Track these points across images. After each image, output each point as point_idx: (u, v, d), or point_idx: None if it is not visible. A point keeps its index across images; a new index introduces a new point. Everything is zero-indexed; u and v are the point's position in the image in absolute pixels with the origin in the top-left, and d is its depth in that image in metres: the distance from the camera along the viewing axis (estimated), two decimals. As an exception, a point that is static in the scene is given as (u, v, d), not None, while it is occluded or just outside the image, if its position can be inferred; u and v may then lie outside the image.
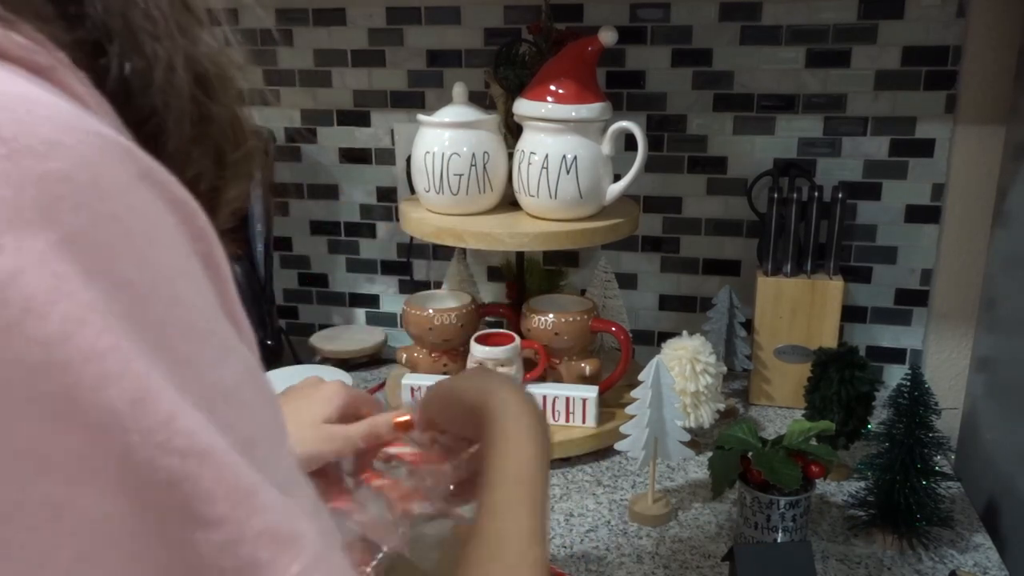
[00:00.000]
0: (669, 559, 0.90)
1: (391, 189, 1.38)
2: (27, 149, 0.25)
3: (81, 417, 0.25)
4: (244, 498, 0.27)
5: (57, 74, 0.29)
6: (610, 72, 1.25)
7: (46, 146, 0.25)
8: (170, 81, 0.32)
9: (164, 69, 0.32)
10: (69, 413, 0.24)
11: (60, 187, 0.25)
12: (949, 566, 0.89)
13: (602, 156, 1.07)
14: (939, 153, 1.19)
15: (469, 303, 1.17)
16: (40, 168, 0.25)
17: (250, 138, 0.37)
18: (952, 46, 1.15)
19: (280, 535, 0.28)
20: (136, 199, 0.28)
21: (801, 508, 0.88)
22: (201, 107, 0.34)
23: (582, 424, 1.09)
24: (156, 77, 0.32)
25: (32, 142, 0.25)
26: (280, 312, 1.46)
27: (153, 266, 0.27)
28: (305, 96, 1.37)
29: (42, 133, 0.26)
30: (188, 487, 0.26)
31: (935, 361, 1.22)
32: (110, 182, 0.27)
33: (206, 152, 0.35)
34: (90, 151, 0.27)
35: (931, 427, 0.90)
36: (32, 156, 0.25)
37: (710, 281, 1.31)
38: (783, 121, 1.22)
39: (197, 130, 0.34)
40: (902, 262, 1.24)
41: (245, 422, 0.29)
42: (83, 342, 0.25)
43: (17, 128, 0.25)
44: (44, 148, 0.25)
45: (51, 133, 0.26)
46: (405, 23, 1.30)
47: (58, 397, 0.24)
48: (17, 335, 0.24)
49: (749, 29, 1.20)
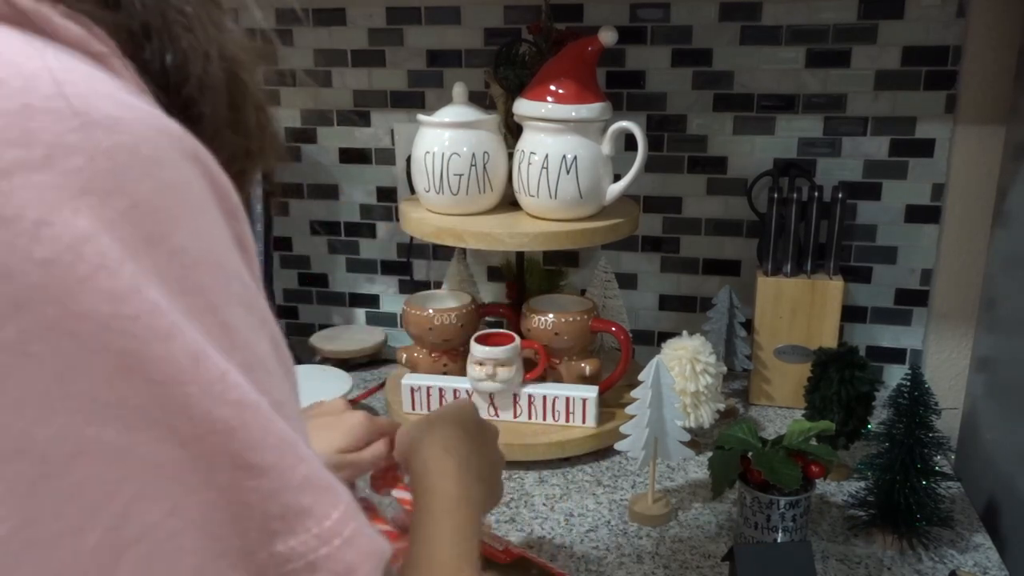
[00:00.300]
0: (669, 559, 0.90)
1: (391, 189, 1.39)
2: (96, 123, 0.27)
3: (142, 371, 0.27)
4: (289, 448, 0.30)
5: (110, 61, 0.31)
6: (610, 72, 1.25)
7: (111, 120, 0.28)
8: (207, 71, 0.34)
9: (201, 61, 0.34)
10: (131, 366, 0.26)
11: (127, 158, 0.28)
12: (949, 566, 0.89)
13: (602, 156, 1.07)
14: (939, 153, 1.19)
15: (469, 303, 1.17)
16: (110, 140, 0.27)
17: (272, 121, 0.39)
18: (952, 46, 1.15)
19: (320, 483, 0.31)
20: (187, 173, 0.30)
21: (801, 508, 0.88)
22: (233, 94, 0.36)
23: (582, 424, 1.09)
24: (194, 69, 0.34)
25: (100, 116, 0.27)
26: (280, 312, 1.46)
27: (204, 236, 0.30)
28: (305, 96, 1.37)
29: (107, 108, 0.28)
30: (242, 435, 0.28)
31: (935, 361, 1.22)
32: (166, 155, 0.29)
33: (237, 136, 0.37)
34: (147, 128, 0.29)
35: (931, 427, 0.90)
36: (100, 128, 0.27)
37: (710, 281, 1.31)
38: (783, 121, 1.22)
39: (230, 115, 0.36)
40: (902, 262, 1.24)
41: (276, 389, 0.31)
42: (147, 302, 0.27)
43: (86, 103, 0.27)
44: (110, 122, 0.27)
45: (114, 109, 0.28)
46: (405, 23, 1.30)
47: (123, 351, 0.26)
48: (90, 289, 0.26)
49: (749, 29, 1.20)
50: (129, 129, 0.28)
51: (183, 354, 0.27)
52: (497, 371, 1.06)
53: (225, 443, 0.28)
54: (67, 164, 0.26)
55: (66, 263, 0.25)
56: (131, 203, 0.27)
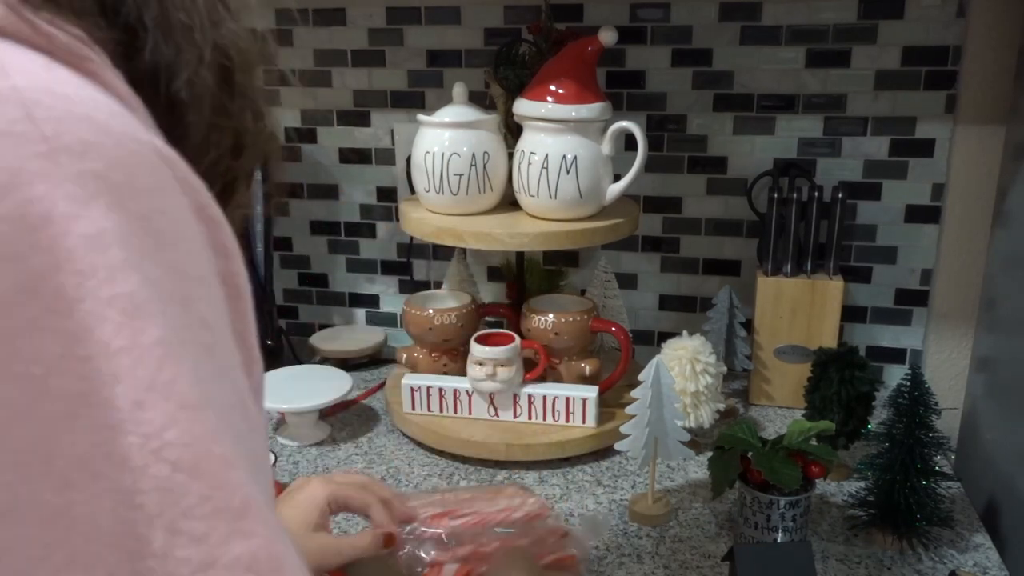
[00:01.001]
0: (669, 559, 0.90)
1: (391, 189, 1.38)
2: (65, 148, 0.26)
3: (87, 417, 0.25)
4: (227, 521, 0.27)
5: (96, 69, 0.29)
6: (610, 72, 1.25)
7: (83, 146, 0.26)
8: (198, 72, 0.33)
9: (194, 60, 0.33)
10: (76, 412, 0.25)
11: (95, 186, 0.26)
12: (949, 566, 0.89)
13: (602, 156, 1.06)
14: (939, 153, 1.19)
15: (469, 303, 1.17)
16: (77, 167, 0.26)
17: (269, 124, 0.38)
18: (952, 46, 1.15)
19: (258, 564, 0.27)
20: (167, 204, 0.28)
21: (801, 508, 0.88)
22: (224, 95, 0.35)
23: (582, 424, 1.09)
24: (184, 67, 0.33)
25: (70, 141, 0.26)
26: (280, 312, 1.46)
27: (174, 271, 0.28)
28: (305, 96, 1.37)
29: (80, 133, 0.26)
30: (175, 498, 0.26)
31: (935, 361, 1.22)
32: (142, 184, 0.28)
33: (224, 140, 0.35)
34: (126, 154, 0.27)
35: (931, 427, 0.90)
36: (69, 154, 0.26)
37: (710, 281, 1.31)
38: (783, 121, 1.22)
39: (217, 119, 0.35)
40: (902, 262, 1.24)
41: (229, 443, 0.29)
42: (100, 338, 0.25)
43: (57, 127, 0.26)
44: (81, 148, 0.26)
45: (89, 134, 0.27)
46: (405, 23, 1.30)
47: (69, 395, 0.25)
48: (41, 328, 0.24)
49: (749, 29, 1.20)
50: (101, 156, 0.26)
51: (126, 400, 0.25)
52: (497, 371, 1.06)
53: (161, 505, 0.26)
54: (29, 193, 0.25)
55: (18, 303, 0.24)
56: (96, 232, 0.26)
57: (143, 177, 0.28)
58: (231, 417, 0.29)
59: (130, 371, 0.25)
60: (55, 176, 0.25)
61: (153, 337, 0.26)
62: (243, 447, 0.29)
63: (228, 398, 0.29)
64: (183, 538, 0.26)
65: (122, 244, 0.26)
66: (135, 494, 0.25)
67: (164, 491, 0.26)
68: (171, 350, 0.27)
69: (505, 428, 1.10)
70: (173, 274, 0.28)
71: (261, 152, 0.38)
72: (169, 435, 0.26)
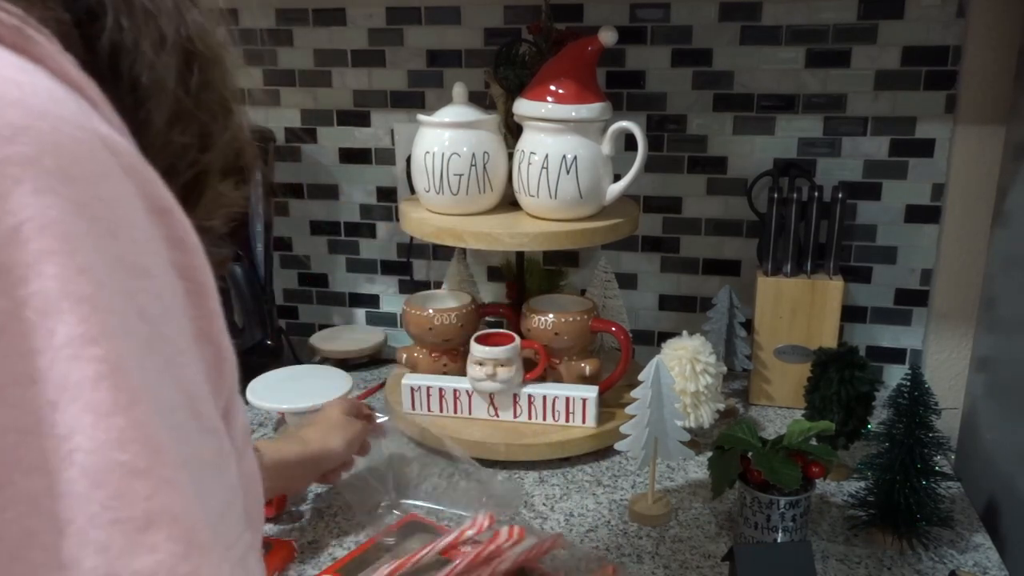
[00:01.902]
0: (669, 559, 0.90)
1: (391, 189, 1.38)
2: None
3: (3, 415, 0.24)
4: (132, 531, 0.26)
5: (43, 53, 0.28)
6: (610, 72, 1.25)
7: (11, 130, 0.25)
8: (158, 55, 0.32)
9: (155, 43, 0.32)
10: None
11: (20, 171, 0.25)
12: (949, 566, 0.89)
13: (602, 156, 1.06)
14: (939, 153, 1.19)
15: (469, 303, 1.17)
16: (4, 151, 0.25)
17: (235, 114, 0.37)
18: (952, 46, 1.15)
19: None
20: (107, 192, 0.27)
21: (801, 508, 0.88)
22: (187, 84, 0.34)
23: (582, 424, 1.09)
24: (145, 51, 0.32)
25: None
26: (280, 312, 1.45)
27: (108, 261, 0.27)
28: (305, 96, 1.37)
29: (10, 117, 0.25)
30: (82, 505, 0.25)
31: (935, 361, 1.22)
32: (80, 171, 0.26)
33: (189, 130, 0.34)
34: (64, 139, 0.26)
35: (931, 427, 0.90)
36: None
37: (710, 281, 1.31)
38: (783, 121, 1.22)
39: (180, 107, 0.34)
40: (902, 262, 1.24)
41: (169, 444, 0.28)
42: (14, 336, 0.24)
43: None
44: (9, 132, 0.25)
45: (19, 118, 0.25)
46: (405, 23, 1.30)
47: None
48: None
49: (749, 29, 1.20)
50: (32, 140, 0.25)
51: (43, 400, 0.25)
52: (497, 371, 1.06)
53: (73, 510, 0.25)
54: None
55: None
56: (16, 222, 0.25)
57: (82, 164, 0.26)
58: (169, 418, 0.28)
59: (45, 371, 0.25)
60: None
61: (68, 336, 0.25)
62: (183, 449, 0.28)
63: (166, 397, 0.28)
64: (90, 548, 0.25)
65: (45, 234, 0.25)
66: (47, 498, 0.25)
67: (74, 496, 0.25)
68: (88, 349, 0.25)
69: (505, 428, 1.10)
70: (110, 264, 0.27)
71: (232, 150, 0.37)
72: (77, 439, 0.25)
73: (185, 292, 0.30)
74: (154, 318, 0.28)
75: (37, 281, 0.25)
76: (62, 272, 0.25)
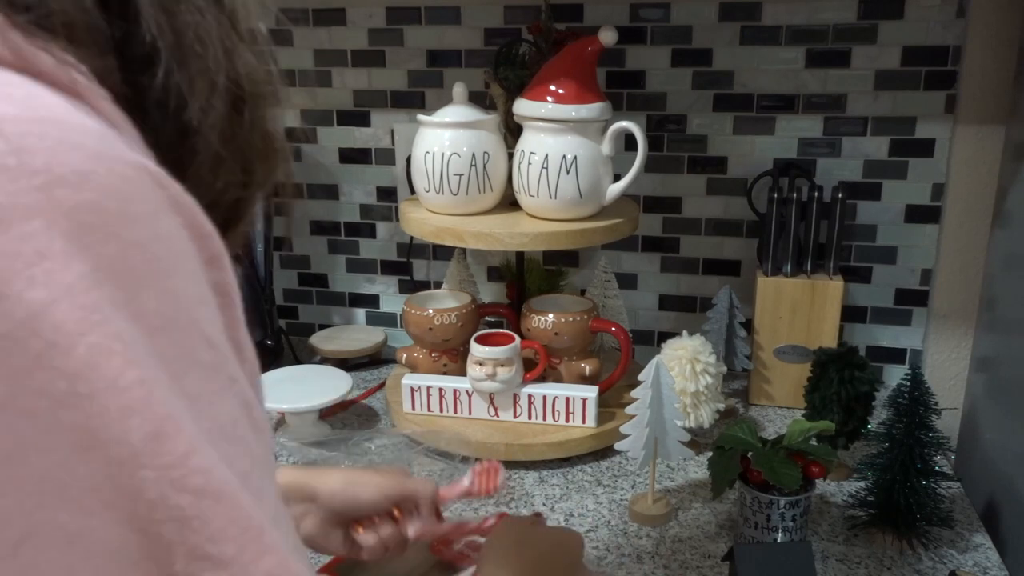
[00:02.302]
0: (669, 559, 0.90)
1: (391, 189, 1.38)
2: (59, 179, 0.25)
3: (100, 450, 0.25)
4: (253, 539, 0.28)
5: (83, 91, 0.29)
6: (610, 72, 1.25)
7: (78, 176, 0.26)
8: (210, 101, 0.33)
9: (206, 89, 0.33)
10: (89, 445, 0.25)
11: (91, 217, 0.26)
12: (949, 566, 0.89)
13: (602, 156, 1.06)
14: (939, 153, 1.19)
15: (469, 303, 1.17)
16: (73, 199, 0.25)
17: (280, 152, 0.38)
18: (952, 46, 1.15)
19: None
20: (163, 228, 0.28)
21: (801, 508, 0.88)
22: (234, 124, 0.34)
23: (582, 424, 1.09)
24: (197, 96, 0.33)
25: (64, 172, 0.25)
26: (280, 312, 1.46)
27: (174, 296, 0.28)
28: (305, 96, 1.37)
29: (74, 163, 0.26)
30: (198, 525, 0.27)
31: (935, 361, 1.22)
32: (138, 210, 0.27)
33: (234, 167, 0.35)
34: (120, 180, 0.27)
35: (931, 427, 0.90)
36: (64, 186, 0.25)
37: (710, 281, 1.31)
38: (783, 121, 1.22)
39: (229, 146, 0.34)
40: (902, 262, 1.24)
41: (241, 457, 0.29)
42: (107, 374, 0.25)
43: (50, 158, 0.25)
44: (76, 179, 0.26)
45: (82, 163, 0.26)
46: (405, 23, 1.30)
47: (79, 429, 0.25)
48: (44, 366, 0.24)
49: (749, 29, 1.20)
50: (96, 185, 0.26)
51: (140, 433, 0.26)
52: (497, 371, 1.06)
53: (182, 532, 0.26)
54: (24, 228, 0.24)
55: (19, 339, 0.24)
56: (94, 267, 0.25)
57: (138, 203, 0.27)
58: (237, 430, 0.30)
59: (144, 404, 0.26)
60: (49, 211, 0.25)
61: (159, 369, 0.27)
62: (251, 457, 0.30)
63: (234, 412, 0.30)
64: (208, 563, 0.27)
65: (121, 276, 0.26)
66: (151, 523, 0.26)
67: (185, 520, 0.26)
68: (180, 380, 0.27)
69: (505, 428, 1.10)
70: (174, 300, 0.28)
71: (271, 185, 0.38)
72: (191, 463, 0.26)
73: (219, 307, 0.31)
74: (215, 342, 0.30)
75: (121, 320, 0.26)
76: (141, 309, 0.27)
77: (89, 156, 0.26)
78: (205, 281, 0.30)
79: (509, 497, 1.02)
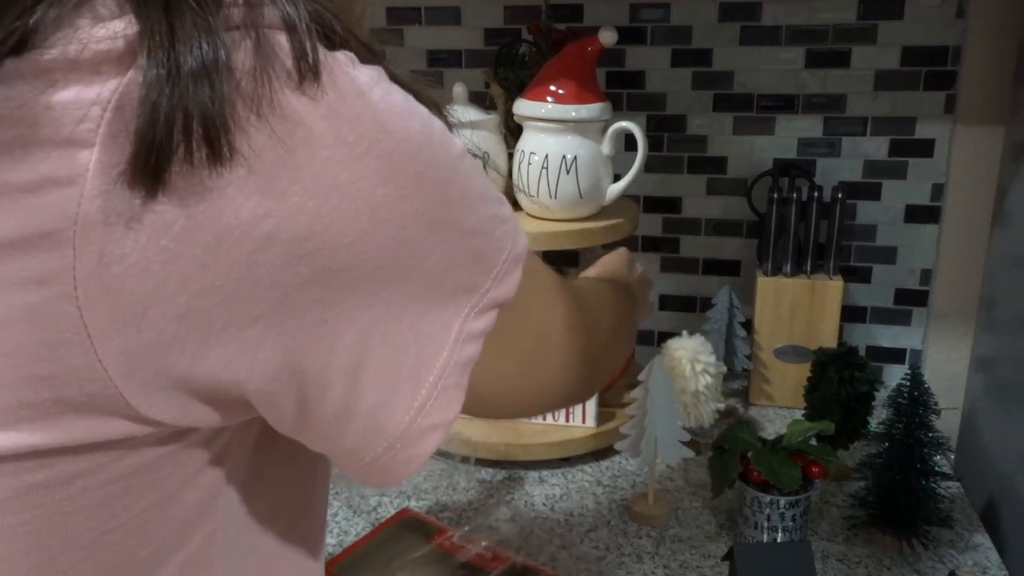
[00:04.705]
0: (669, 559, 0.90)
1: (391, 189, 1.38)
2: (372, 153, 0.41)
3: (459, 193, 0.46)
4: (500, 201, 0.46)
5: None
6: (610, 72, 1.25)
7: (390, 144, 0.42)
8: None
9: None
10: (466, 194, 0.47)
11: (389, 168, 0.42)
12: (949, 566, 0.89)
13: (602, 156, 1.07)
14: (939, 153, 1.19)
15: (469, 303, 1.16)
16: (391, 164, 0.43)
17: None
18: (952, 46, 1.15)
19: (515, 224, 0.47)
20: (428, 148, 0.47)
21: (801, 508, 0.89)
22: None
23: (582, 424, 1.09)
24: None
25: (377, 144, 0.42)
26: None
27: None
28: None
29: (374, 135, 0.42)
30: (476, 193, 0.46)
31: (935, 361, 1.22)
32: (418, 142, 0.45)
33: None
34: (398, 130, 0.44)
35: (931, 427, 0.90)
36: (376, 158, 0.41)
37: (710, 281, 1.31)
38: (783, 121, 1.23)
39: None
40: (902, 262, 1.24)
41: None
42: (465, 155, 0.48)
43: (375, 132, 0.42)
44: (387, 149, 0.42)
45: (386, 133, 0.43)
46: (405, 23, 1.30)
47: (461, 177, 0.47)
48: (439, 146, 0.46)
49: (749, 29, 1.20)
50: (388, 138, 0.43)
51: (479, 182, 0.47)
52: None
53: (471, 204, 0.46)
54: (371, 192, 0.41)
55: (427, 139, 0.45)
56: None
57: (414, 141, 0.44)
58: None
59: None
60: (370, 173, 0.40)
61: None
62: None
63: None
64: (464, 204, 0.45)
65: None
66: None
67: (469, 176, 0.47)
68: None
69: (505, 428, 1.10)
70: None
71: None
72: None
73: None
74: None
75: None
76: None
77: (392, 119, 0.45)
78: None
79: (509, 498, 1.02)
